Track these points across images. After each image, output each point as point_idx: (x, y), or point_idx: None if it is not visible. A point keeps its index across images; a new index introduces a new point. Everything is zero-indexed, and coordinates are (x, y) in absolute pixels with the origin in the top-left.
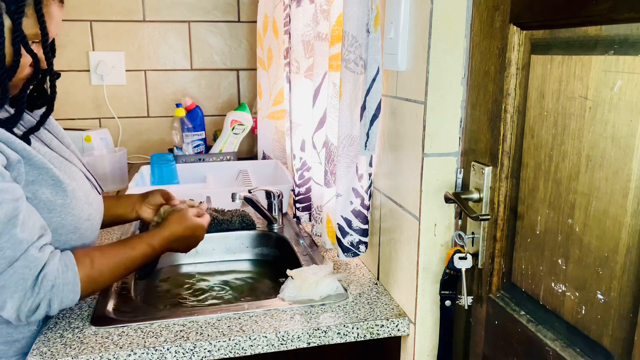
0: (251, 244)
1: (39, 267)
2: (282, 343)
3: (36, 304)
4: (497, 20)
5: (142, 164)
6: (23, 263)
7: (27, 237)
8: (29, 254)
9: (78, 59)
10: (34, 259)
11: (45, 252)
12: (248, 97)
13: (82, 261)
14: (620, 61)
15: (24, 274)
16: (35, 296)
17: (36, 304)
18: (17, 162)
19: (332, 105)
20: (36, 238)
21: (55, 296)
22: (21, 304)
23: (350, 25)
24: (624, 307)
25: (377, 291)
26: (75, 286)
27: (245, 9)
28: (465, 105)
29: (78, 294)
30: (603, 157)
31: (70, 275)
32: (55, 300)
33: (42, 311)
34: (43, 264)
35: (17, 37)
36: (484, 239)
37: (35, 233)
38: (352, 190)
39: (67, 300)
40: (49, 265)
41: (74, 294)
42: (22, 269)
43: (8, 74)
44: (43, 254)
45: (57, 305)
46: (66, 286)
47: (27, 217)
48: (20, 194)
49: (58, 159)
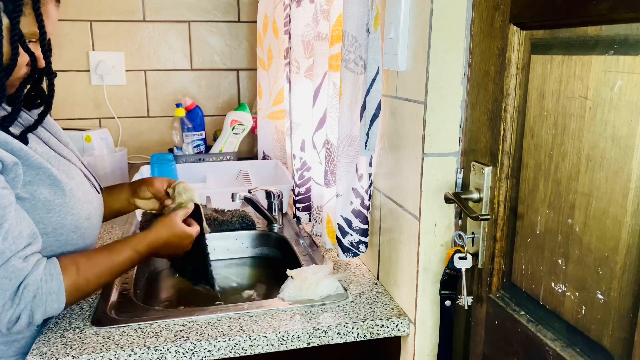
0: (251, 244)
1: (20, 278)
2: (282, 343)
3: (16, 315)
4: (497, 20)
5: (142, 164)
6: (3, 273)
7: (9, 246)
8: (10, 264)
9: (78, 59)
10: (14, 269)
11: (29, 262)
12: (248, 97)
13: (68, 269)
14: (620, 61)
15: (3, 285)
16: (15, 307)
17: (16, 315)
18: (13, 165)
19: (332, 105)
20: (21, 247)
21: (37, 306)
22: (0, 314)
23: (350, 25)
24: (624, 307)
25: (377, 291)
26: (59, 295)
27: (245, 9)
28: (465, 105)
29: (63, 302)
30: (603, 157)
31: (54, 285)
32: (37, 311)
33: (24, 322)
34: (25, 274)
35: (15, 36)
36: (484, 239)
37: (21, 242)
38: (352, 190)
39: (50, 310)
40: (31, 275)
41: (59, 303)
42: (1, 280)
43: (5, 73)
44: (26, 264)
45: (40, 316)
46: (50, 296)
47: (14, 225)
48: (8, 202)
49: (56, 158)
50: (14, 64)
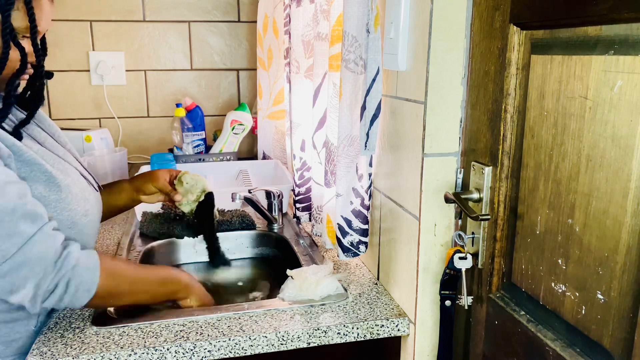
0: (251, 244)
1: (58, 244)
2: (282, 343)
3: (55, 283)
4: (497, 20)
5: (142, 164)
6: (41, 237)
7: (42, 213)
8: (47, 227)
9: (78, 59)
10: (52, 234)
11: (60, 234)
12: (248, 97)
13: (104, 256)
14: (620, 61)
15: (46, 249)
16: (56, 273)
17: (55, 283)
18: (7, 157)
19: (332, 105)
20: (47, 219)
21: (74, 277)
22: (41, 279)
23: (350, 25)
24: (624, 307)
25: (377, 291)
26: (94, 274)
27: (245, 9)
28: (465, 105)
29: (95, 284)
30: (603, 157)
31: (92, 261)
32: (72, 283)
33: (58, 294)
34: (62, 240)
35: (6, 29)
36: (484, 239)
37: (45, 215)
38: (352, 190)
39: (82, 288)
40: (72, 245)
41: (92, 283)
42: (41, 244)
43: None
44: (58, 233)
45: (74, 289)
46: (87, 270)
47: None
48: (20, 178)
49: (51, 156)
50: (6, 57)
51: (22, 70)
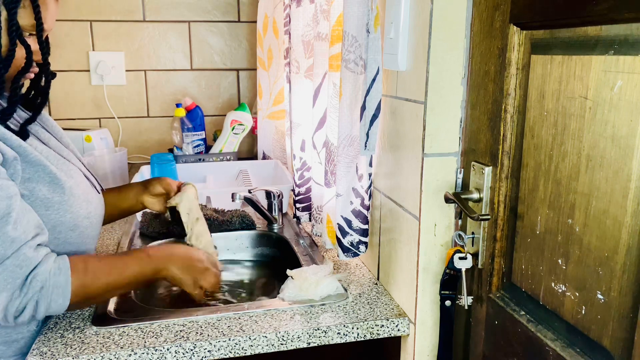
0: (251, 244)
1: (30, 267)
2: (282, 343)
3: (23, 305)
4: (497, 20)
5: (142, 164)
6: (14, 262)
7: (20, 235)
8: (21, 252)
9: (78, 59)
10: (25, 257)
11: (39, 252)
12: (248, 97)
13: (76, 266)
14: (620, 61)
15: (14, 273)
16: (23, 296)
17: (23, 305)
18: (13, 159)
19: (332, 105)
20: (31, 237)
21: (42, 298)
22: (9, 303)
23: (350, 25)
24: (624, 307)
25: (377, 291)
26: (65, 291)
27: (245, 9)
28: (465, 105)
29: (67, 299)
30: (603, 157)
31: (61, 279)
32: (42, 303)
33: (28, 314)
34: (36, 263)
35: (12, 27)
36: (484, 239)
37: (30, 232)
38: (352, 190)
39: (55, 305)
40: (41, 266)
41: (63, 298)
42: (12, 267)
43: (4, 65)
44: (37, 254)
45: (44, 309)
46: (56, 289)
47: (21, 215)
48: (14, 192)
49: (55, 157)
50: (12, 55)
51: (27, 68)
